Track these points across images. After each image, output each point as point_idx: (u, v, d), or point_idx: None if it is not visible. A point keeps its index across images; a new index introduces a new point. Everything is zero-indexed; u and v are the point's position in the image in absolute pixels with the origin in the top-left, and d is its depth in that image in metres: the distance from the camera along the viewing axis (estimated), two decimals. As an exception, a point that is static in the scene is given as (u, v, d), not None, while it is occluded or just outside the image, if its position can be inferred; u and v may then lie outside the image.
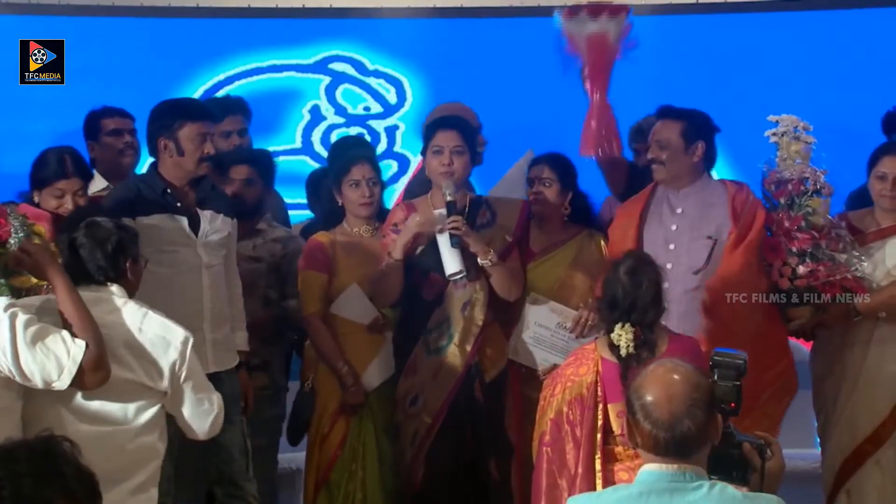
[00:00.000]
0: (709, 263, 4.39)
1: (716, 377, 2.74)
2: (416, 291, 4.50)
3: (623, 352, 3.74)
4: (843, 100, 5.88)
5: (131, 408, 3.36)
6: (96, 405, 3.33)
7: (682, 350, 3.66)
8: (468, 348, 4.44)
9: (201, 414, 3.44)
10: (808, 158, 4.46)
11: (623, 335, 3.74)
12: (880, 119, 5.22)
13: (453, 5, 6.20)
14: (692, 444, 2.59)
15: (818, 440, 4.82)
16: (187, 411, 3.43)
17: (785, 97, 5.43)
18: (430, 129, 4.53)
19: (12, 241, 3.45)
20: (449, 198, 4.37)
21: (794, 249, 4.36)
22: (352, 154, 4.84)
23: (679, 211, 4.48)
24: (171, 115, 4.32)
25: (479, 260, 4.40)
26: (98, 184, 4.69)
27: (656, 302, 3.77)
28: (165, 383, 3.38)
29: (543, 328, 4.56)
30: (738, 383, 2.73)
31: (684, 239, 4.42)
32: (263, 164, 4.95)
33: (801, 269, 4.34)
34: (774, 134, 4.50)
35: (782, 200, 4.42)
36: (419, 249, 4.47)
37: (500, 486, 4.48)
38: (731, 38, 6.14)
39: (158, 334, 3.40)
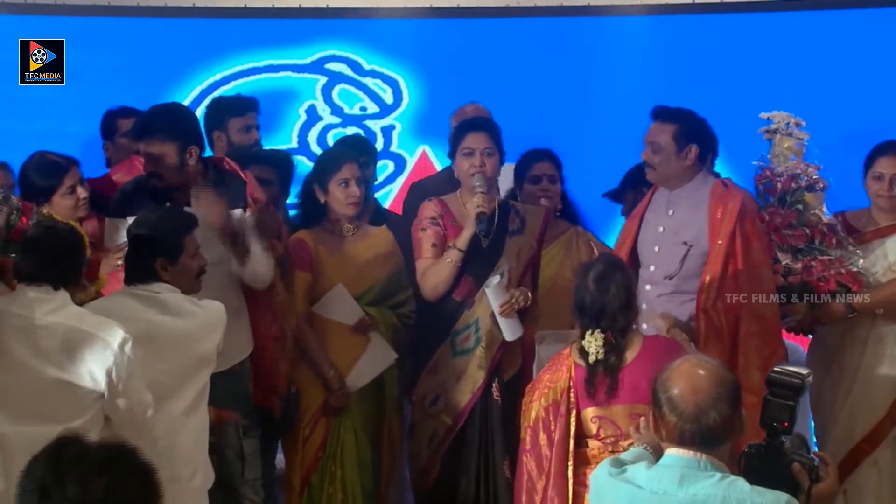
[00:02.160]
0: (680, 270, 4.28)
1: (769, 394, 2.74)
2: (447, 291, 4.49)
3: (591, 358, 3.67)
4: (843, 100, 5.86)
5: (67, 408, 3.29)
6: (31, 405, 3.27)
7: (658, 349, 3.62)
8: (494, 352, 4.44)
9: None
10: (802, 154, 4.44)
11: (593, 342, 3.66)
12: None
13: (450, 5, 6.19)
14: (716, 436, 2.64)
15: (815, 440, 4.81)
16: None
17: (784, 97, 5.40)
18: (460, 132, 4.52)
19: None
20: (479, 189, 4.37)
21: (786, 246, 4.35)
22: (341, 153, 4.80)
23: (671, 213, 4.38)
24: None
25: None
26: None
27: (626, 307, 3.67)
28: (102, 385, 3.31)
29: None
30: (793, 403, 2.73)
31: (668, 243, 4.34)
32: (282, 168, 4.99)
33: (795, 266, 4.33)
34: (767, 131, 4.49)
35: (771, 198, 4.40)
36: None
37: (513, 486, 4.46)
38: (729, 38, 6.12)
39: (96, 335, 3.32)
